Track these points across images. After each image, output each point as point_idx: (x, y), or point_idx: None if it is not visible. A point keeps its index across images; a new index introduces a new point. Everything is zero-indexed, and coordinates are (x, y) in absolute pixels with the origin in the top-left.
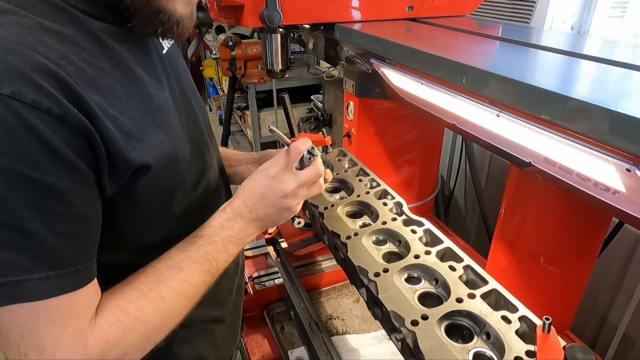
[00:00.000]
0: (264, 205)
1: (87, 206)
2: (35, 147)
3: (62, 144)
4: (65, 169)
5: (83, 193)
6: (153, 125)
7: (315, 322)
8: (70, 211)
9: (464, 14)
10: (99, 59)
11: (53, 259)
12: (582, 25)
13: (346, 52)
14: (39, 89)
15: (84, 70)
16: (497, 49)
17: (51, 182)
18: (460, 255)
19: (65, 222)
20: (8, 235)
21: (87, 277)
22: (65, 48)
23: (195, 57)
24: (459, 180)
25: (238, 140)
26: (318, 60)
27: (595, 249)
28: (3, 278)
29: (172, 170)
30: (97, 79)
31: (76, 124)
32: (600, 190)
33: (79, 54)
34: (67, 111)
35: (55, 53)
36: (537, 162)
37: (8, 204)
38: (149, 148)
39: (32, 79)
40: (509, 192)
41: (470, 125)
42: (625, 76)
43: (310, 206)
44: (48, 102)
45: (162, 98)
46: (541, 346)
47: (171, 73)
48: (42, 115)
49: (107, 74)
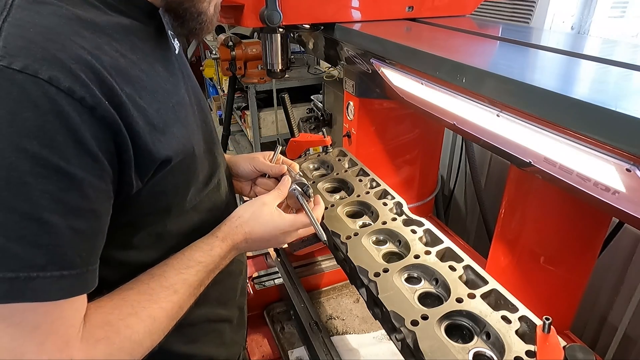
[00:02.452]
0: (260, 245)
1: (101, 203)
2: (64, 134)
3: (90, 135)
4: (89, 161)
5: (100, 189)
6: (175, 119)
7: (315, 322)
8: (87, 207)
9: (464, 14)
10: (129, 51)
11: (67, 258)
12: (582, 25)
13: (346, 52)
14: (75, 77)
15: (117, 60)
16: (497, 49)
17: (75, 173)
18: (460, 255)
19: (82, 217)
20: (25, 227)
21: (93, 280)
22: (100, 39)
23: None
24: (459, 180)
25: (238, 140)
26: (318, 60)
27: (595, 249)
28: (13, 273)
29: (188, 165)
30: (128, 70)
31: (105, 116)
32: (600, 190)
33: (112, 45)
34: (99, 102)
35: (90, 44)
36: (537, 162)
37: (30, 191)
38: (172, 141)
39: (69, 68)
40: (509, 192)
41: (470, 125)
42: (625, 76)
43: None
44: (82, 91)
45: (180, 95)
46: (541, 346)
47: (184, 72)
48: (75, 103)
49: (136, 65)
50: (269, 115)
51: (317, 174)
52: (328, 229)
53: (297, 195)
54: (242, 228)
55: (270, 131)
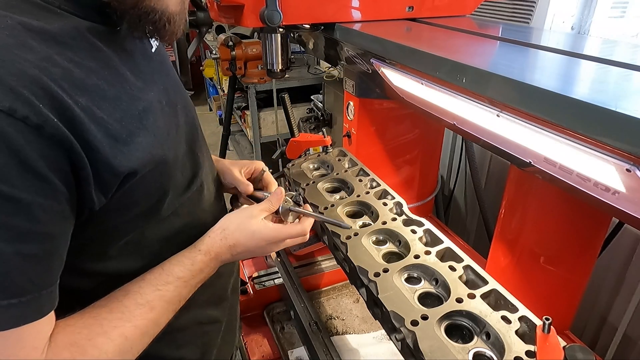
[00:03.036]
0: (246, 255)
1: (55, 224)
2: (6, 157)
3: (36, 155)
4: (36, 183)
5: (52, 210)
6: (141, 127)
7: (315, 322)
8: (37, 230)
9: (464, 14)
10: (86, 58)
11: (16, 284)
12: (582, 25)
13: (346, 52)
14: (17, 95)
15: (70, 71)
16: (497, 49)
17: (20, 197)
18: (460, 255)
19: (32, 241)
20: None
21: (51, 303)
22: (50, 48)
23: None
24: (459, 180)
25: (238, 140)
26: (318, 60)
27: (595, 249)
28: None
29: (160, 173)
30: (84, 79)
31: (54, 134)
32: (600, 190)
33: (65, 54)
34: (45, 120)
35: (37, 55)
36: (537, 162)
37: None
38: (136, 152)
39: (9, 86)
40: (509, 192)
41: (470, 125)
42: (625, 76)
43: (310, 206)
44: (25, 110)
45: (148, 99)
46: (541, 346)
47: (160, 71)
48: (17, 123)
49: (94, 73)
50: (269, 115)
51: (317, 174)
52: (328, 228)
53: (291, 207)
54: (226, 241)
55: (270, 131)
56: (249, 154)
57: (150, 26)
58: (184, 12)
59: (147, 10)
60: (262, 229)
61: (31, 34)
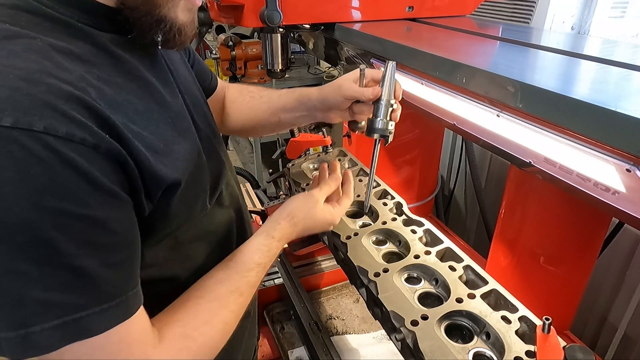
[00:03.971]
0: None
1: (130, 232)
2: (76, 181)
3: (100, 173)
4: (107, 199)
5: (125, 220)
6: (176, 135)
7: (315, 322)
8: (116, 241)
9: (464, 14)
10: (112, 74)
11: (105, 292)
12: (582, 26)
13: (346, 52)
14: (70, 119)
15: (102, 89)
16: (498, 49)
17: (95, 215)
18: (460, 255)
19: (113, 252)
20: (60, 276)
21: (137, 302)
22: (80, 68)
23: None
24: (459, 180)
25: (238, 140)
26: (318, 60)
27: (595, 249)
28: (60, 319)
29: (194, 179)
30: (115, 97)
31: (110, 149)
32: (600, 190)
33: (93, 72)
34: (100, 138)
35: (74, 75)
36: (537, 162)
37: (57, 244)
38: (176, 161)
39: (61, 110)
40: (509, 192)
41: (470, 125)
42: (625, 76)
43: None
44: (81, 132)
45: (178, 104)
46: (541, 346)
47: (179, 74)
48: (78, 147)
49: (122, 89)
50: None
51: (317, 174)
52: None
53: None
54: (295, 227)
55: None
56: (249, 154)
57: (159, 36)
58: (194, 22)
59: (158, 19)
60: (327, 215)
61: (61, 55)
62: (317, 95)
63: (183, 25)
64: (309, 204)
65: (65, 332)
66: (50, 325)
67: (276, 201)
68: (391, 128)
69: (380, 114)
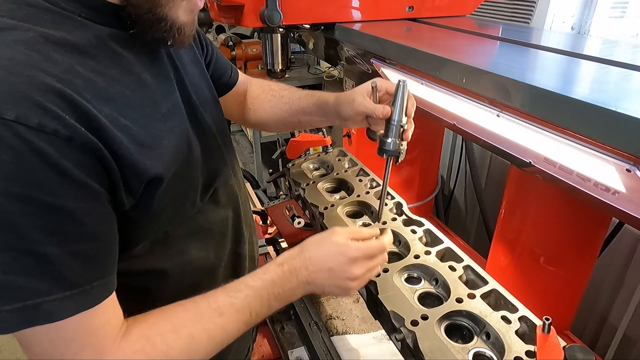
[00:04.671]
0: (325, 278)
1: (101, 224)
2: (45, 170)
3: (72, 165)
4: (77, 190)
5: (96, 212)
6: (166, 131)
7: (315, 322)
8: (84, 231)
9: (464, 14)
10: (109, 66)
11: (68, 279)
12: (582, 26)
13: (346, 52)
14: (44, 111)
15: (93, 81)
16: (498, 49)
17: (63, 205)
18: (460, 255)
19: (80, 242)
20: (23, 261)
21: (103, 293)
22: (72, 59)
23: None
24: (459, 180)
25: (238, 140)
26: (318, 60)
27: (595, 249)
28: (21, 302)
29: (182, 175)
30: (107, 88)
31: (85, 142)
32: (600, 190)
33: (87, 64)
34: (75, 130)
35: (60, 68)
36: (537, 162)
37: (21, 229)
38: (162, 156)
39: (36, 101)
40: (509, 192)
41: (470, 125)
42: (625, 76)
43: (310, 206)
44: (54, 124)
45: (173, 100)
46: (541, 346)
47: (187, 72)
48: (49, 137)
49: (117, 81)
50: None
51: (317, 174)
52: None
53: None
54: (302, 254)
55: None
56: (249, 154)
57: (159, 34)
58: (194, 22)
59: (159, 18)
60: (341, 243)
61: (54, 46)
62: (334, 103)
63: (183, 25)
64: (326, 233)
65: (24, 315)
66: (11, 307)
67: (276, 201)
68: (402, 148)
69: (391, 134)
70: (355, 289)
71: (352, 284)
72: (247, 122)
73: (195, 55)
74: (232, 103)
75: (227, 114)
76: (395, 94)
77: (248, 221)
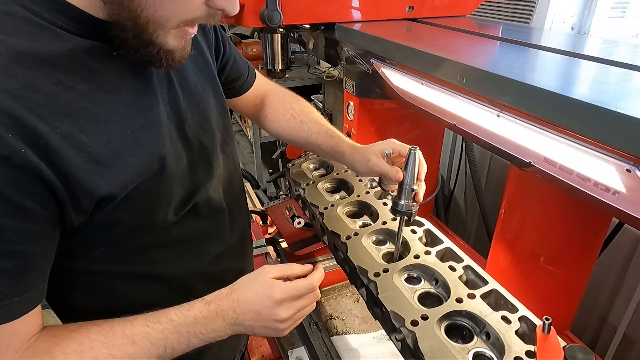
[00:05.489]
0: (254, 320)
1: (29, 243)
2: None
3: (6, 182)
4: (8, 208)
5: (25, 231)
6: (133, 147)
7: (315, 322)
8: (8, 249)
9: (464, 14)
10: (77, 80)
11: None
12: (582, 26)
13: (346, 52)
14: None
15: (55, 95)
16: (498, 49)
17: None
18: (460, 256)
19: (3, 258)
20: None
21: (22, 309)
22: (39, 72)
23: None
24: (459, 180)
25: (238, 140)
26: (318, 60)
27: (595, 249)
28: None
29: (149, 191)
30: (70, 103)
31: (25, 163)
32: (600, 190)
33: (54, 77)
34: (13, 151)
35: (18, 83)
36: (537, 162)
37: None
38: (121, 174)
39: None
40: (509, 192)
41: (470, 125)
42: (625, 76)
43: (310, 206)
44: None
45: (152, 115)
46: (541, 346)
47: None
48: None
49: (84, 96)
50: None
51: (317, 174)
52: (328, 228)
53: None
54: (232, 295)
55: None
56: (249, 154)
57: (146, 57)
58: (185, 48)
59: (146, 43)
60: (268, 283)
61: (19, 58)
62: (349, 158)
63: (172, 51)
64: (255, 272)
65: None
66: None
67: (276, 201)
68: (414, 209)
69: (404, 197)
70: (285, 329)
71: (281, 326)
72: (261, 125)
73: (204, 62)
74: (247, 104)
75: (241, 110)
76: (407, 160)
77: (238, 233)
